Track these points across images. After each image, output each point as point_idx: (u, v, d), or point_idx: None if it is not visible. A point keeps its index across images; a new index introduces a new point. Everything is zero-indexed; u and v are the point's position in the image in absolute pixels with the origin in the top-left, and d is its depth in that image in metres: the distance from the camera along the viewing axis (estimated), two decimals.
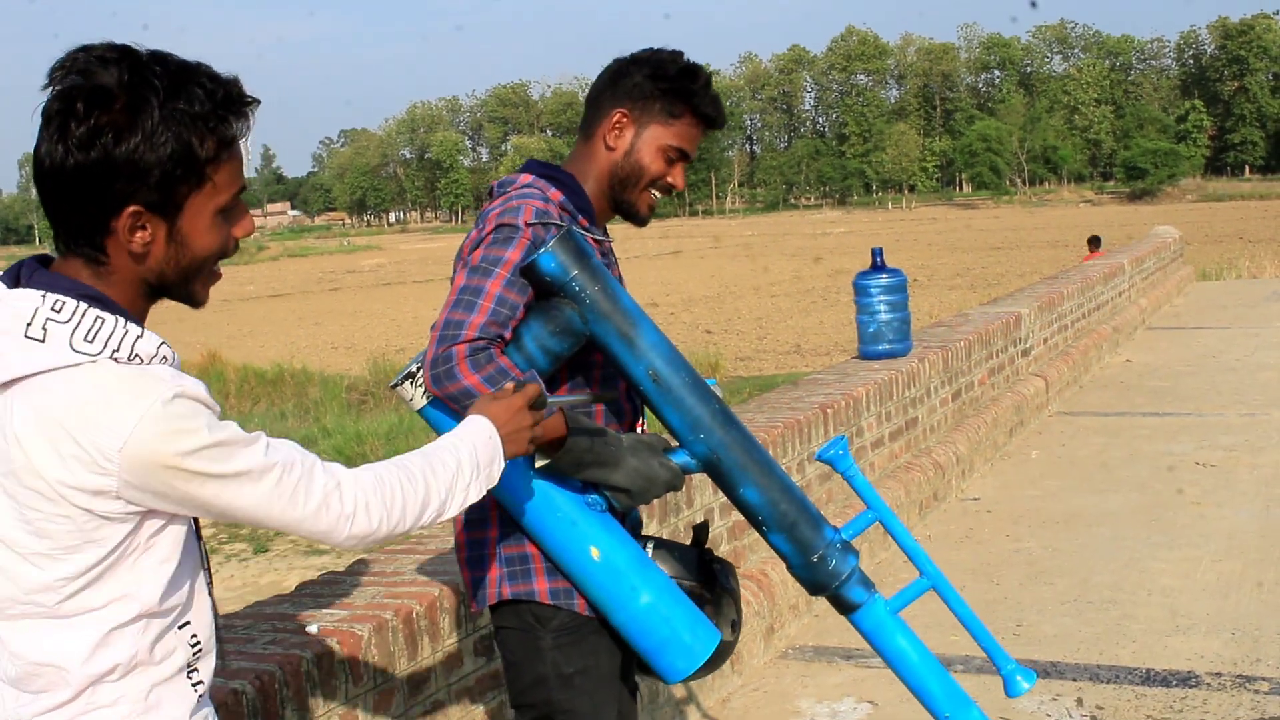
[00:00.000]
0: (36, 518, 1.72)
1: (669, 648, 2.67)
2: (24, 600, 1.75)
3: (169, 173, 1.75)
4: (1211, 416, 9.43)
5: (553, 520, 2.64)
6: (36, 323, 1.72)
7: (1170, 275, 16.36)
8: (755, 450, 2.73)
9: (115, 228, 1.75)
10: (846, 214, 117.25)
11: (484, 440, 2.19)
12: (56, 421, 1.69)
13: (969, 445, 7.92)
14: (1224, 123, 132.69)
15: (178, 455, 1.71)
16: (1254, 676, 4.88)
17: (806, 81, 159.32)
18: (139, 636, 1.79)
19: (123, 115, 1.72)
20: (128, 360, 1.74)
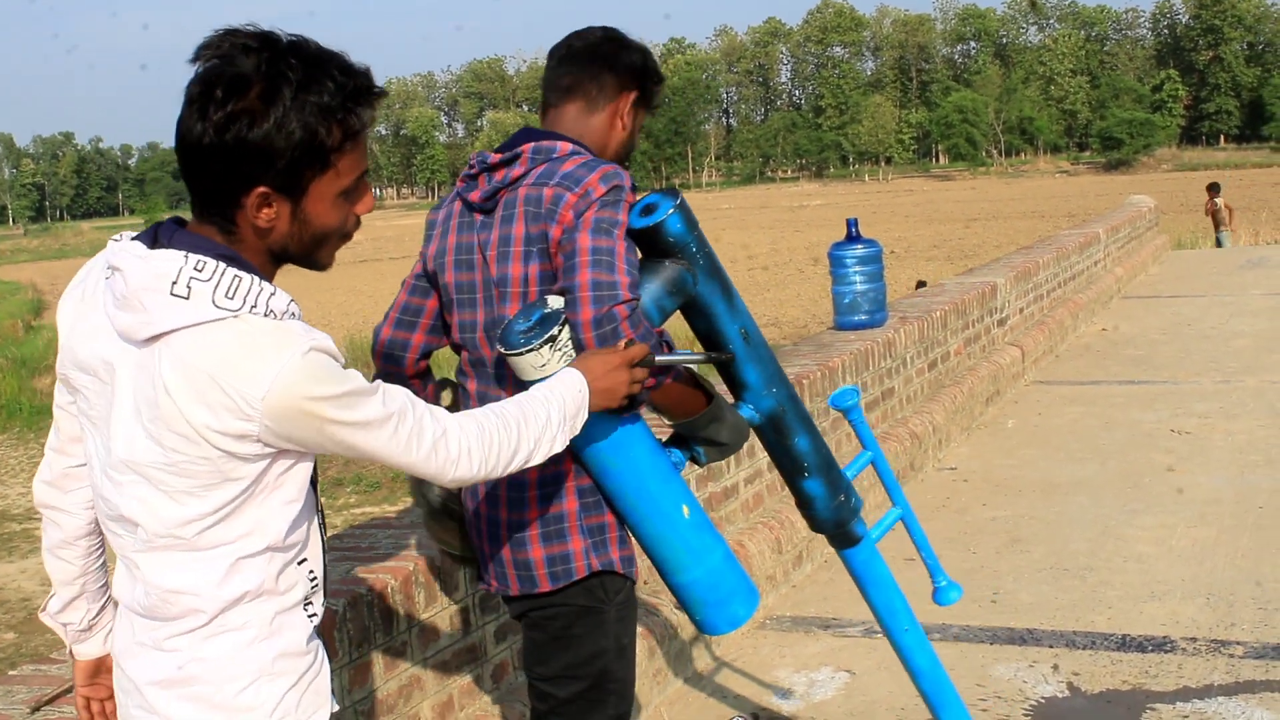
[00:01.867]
0: (180, 459, 1.88)
1: (734, 600, 2.85)
2: (164, 534, 1.93)
3: (296, 158, 1.90)
4: (1186, 384, 9.47)
5: (649, 482, 2.71)
6: (181, 281, 1.86)
7: (1145, 244, 16.39)
8: (802, 403, 2.98)
9: (244, 204, 1.91)
10: (823, 186, 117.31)
11: (574, 393, 2.35)
12: (203, 371, 1.85)
13: (945, 415, 7.93)
14: (1199, 92, 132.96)
15: (314, 401, 1.88)
16: (1228, 641, 4.90)
17: (783, 54, 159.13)
18: (265, 567, 1.97)
19: (257, 103, 1.86)
20: (264, 315, 1.89)
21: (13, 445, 22.69)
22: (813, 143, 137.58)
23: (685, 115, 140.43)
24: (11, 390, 26.18)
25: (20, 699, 2.79)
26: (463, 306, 2.83)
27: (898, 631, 3.47)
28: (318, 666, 2.07)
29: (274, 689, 1.99)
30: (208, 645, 1.96)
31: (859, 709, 4.57)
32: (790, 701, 4.67)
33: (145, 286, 1.87)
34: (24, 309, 42.71)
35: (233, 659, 1.96)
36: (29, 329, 36.44)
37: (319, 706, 2.06)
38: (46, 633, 12.37)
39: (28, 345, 31.87)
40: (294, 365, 1.86)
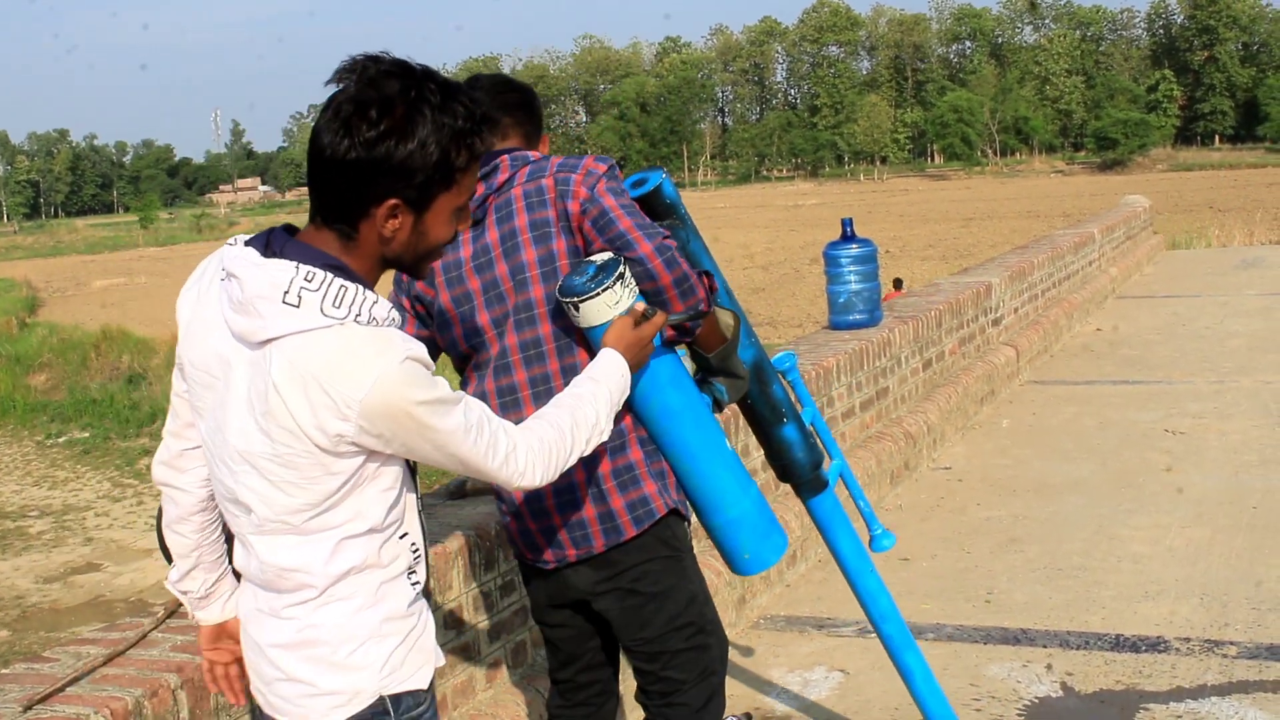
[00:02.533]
0: (287, 453, 2.06)
1: (773, 534, 3.11)
2: (274, 519, 2.13)
3: (429, 176, 2.09)
4: (1181, 384, 9.48)
5: (700, 416, 2.97)
6: (293, 290, 2.03)
7: (1140, 244, 16.40)
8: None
9: (374, 213, 2.09)
10: (818, 186, 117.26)
11: (618, 382, 2.59)
12: (310, 373, 2.02)
13: (940, 415, 7.93)
14: (1194, 92, 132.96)
15: (408, 404, 2.06)
16: (1222, 641, 4.91)
17: (778, 53, 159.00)
18: (367, 544, 2.16)
19: (404, 124, 2.05)
20: (368, 323, 2.06)
21: (6, 443, 22.64)
22: (808, 142, 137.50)
23: (681, 114, 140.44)
24: (5, 388, 26.15)
25: (13, 697, 2.79)
26: (464, 317, 2.95)
27: (862, 573, 3.72)
28: (421, 626, 2.28)
29: (382, 649, 2.20)
30: (320, 613, 2.17)
31: (853, 709, 4.57)
32: (784, 701, 4.67)
33: (260, 294, 2.04)
34: (18, 306, 42.62)
35: (343, 625, 2.17)
36: (23, 326, 36.37)
37: (424, 663, 2.27)
38: (40, 631, 12.37)
39: (22, 342, 31.82)
40: (391, 371, 2.04)
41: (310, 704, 2.20)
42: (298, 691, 2.20)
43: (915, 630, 5.23)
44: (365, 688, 2.19)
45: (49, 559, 15.22)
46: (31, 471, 20.15)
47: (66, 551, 15.52)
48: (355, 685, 2.19)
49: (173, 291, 2.23)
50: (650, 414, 2.93)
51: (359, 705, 2.19)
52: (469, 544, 3.92)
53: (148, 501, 17.47)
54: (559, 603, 3.09)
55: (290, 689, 2.21)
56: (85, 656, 2.99)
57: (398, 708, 2.22)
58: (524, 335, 2.90)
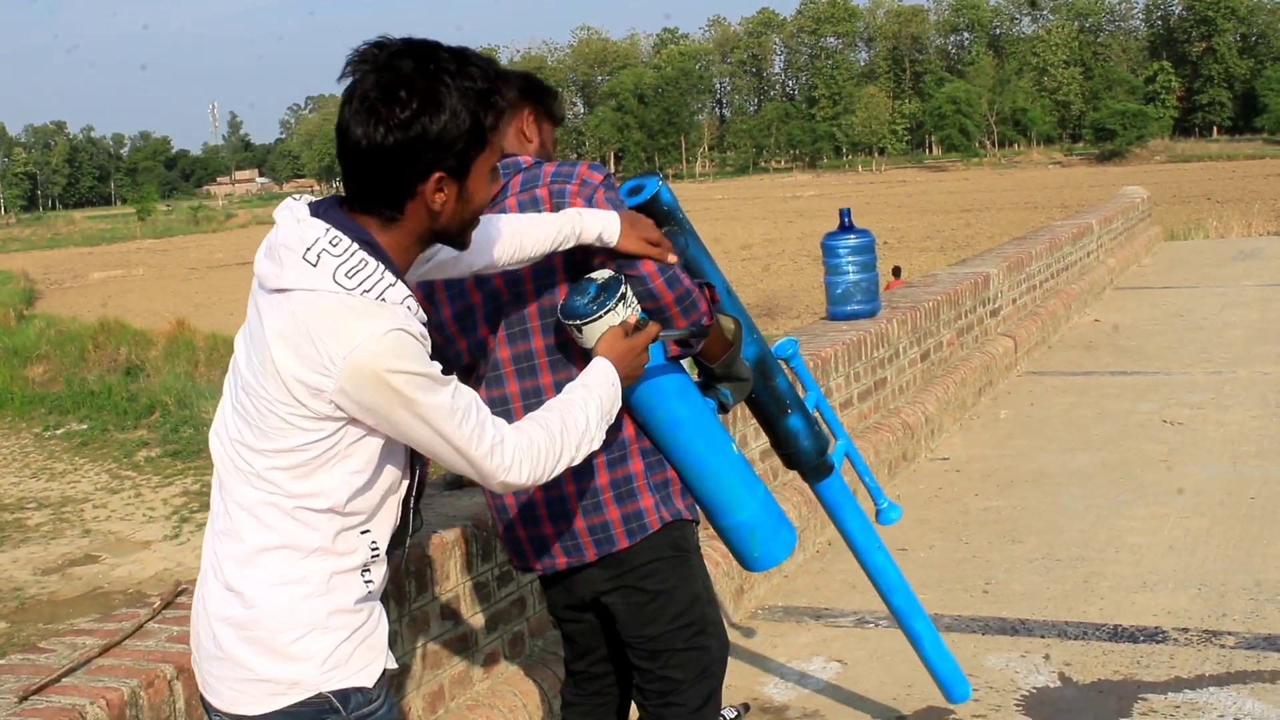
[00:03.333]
0: (264, 397, 2.10)
1: (782, 531, 3.12)
2: (242, 459, 2.16)
3: (467, 142, 2.13)
4: (1179, 375, 9.47)
5: (705, 422, 2.96)
6: (315, 249, 2.09)
7: (1138, 235, 16.40)
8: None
9: (420, 191, 2.14)
10: (816, 177, 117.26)
11: (609, 389, 2.53)
12: (304, 326, 2.06)
13: (938, 405, 7.93)
14: (1192, 84, 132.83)
15: (390, 372, 2.06)
16: (1220, 631, 4.91)
17: (776, 44, 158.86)
18: (323, 525, 2.15)
19: (430, 98, 2.08)
20: (376, 299, 2.09)
21: (4, 435, 22.64)
22: (806, 133, 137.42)
23: (678, 106, 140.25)
24: (3, 380, 26.14)
25: (8, 688, 2.78)
26: (466, 331, 2.96)
27: (870, 550, 3.75)
28: (372, 625, 2.25)
29: (327, 641, 2.17)
30: (266, 593, 2.15)
31: (851, 699, 4.56)
32: (782, 691, 4.67)
33: (286, 244, 2.11)
34: (16, 298, 42.59)
35: (289, 610, 2.15)
36: (21, 318, 36.35)
37: (372, 660, 2.24)
38: (38, 622, 12.37)
39: (19, 335, 31.81)
40: (379, 336, 2.05)
41: (245, 689, 2.17)
42: (234, 674, 2.17)
43: None
44: (305, 679, 2.16)
45: (47, 551, 15.22)
46: (29, 463, 20.14)
47: (64, 543, 15.51)
48: (295, 675, 2.15)
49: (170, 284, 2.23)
50: (656, 425, 2.93)
51: (297, 696, 2.16)
52: (466, 535, 3.92)
53: (145, 493, 17.47)
54: (572, 603, 3.12)
55: (224, 669, 2.18)
56: (81, 647, 2.99)
57: (346, 704, 2.18)
58: (516, 348, 2.90)
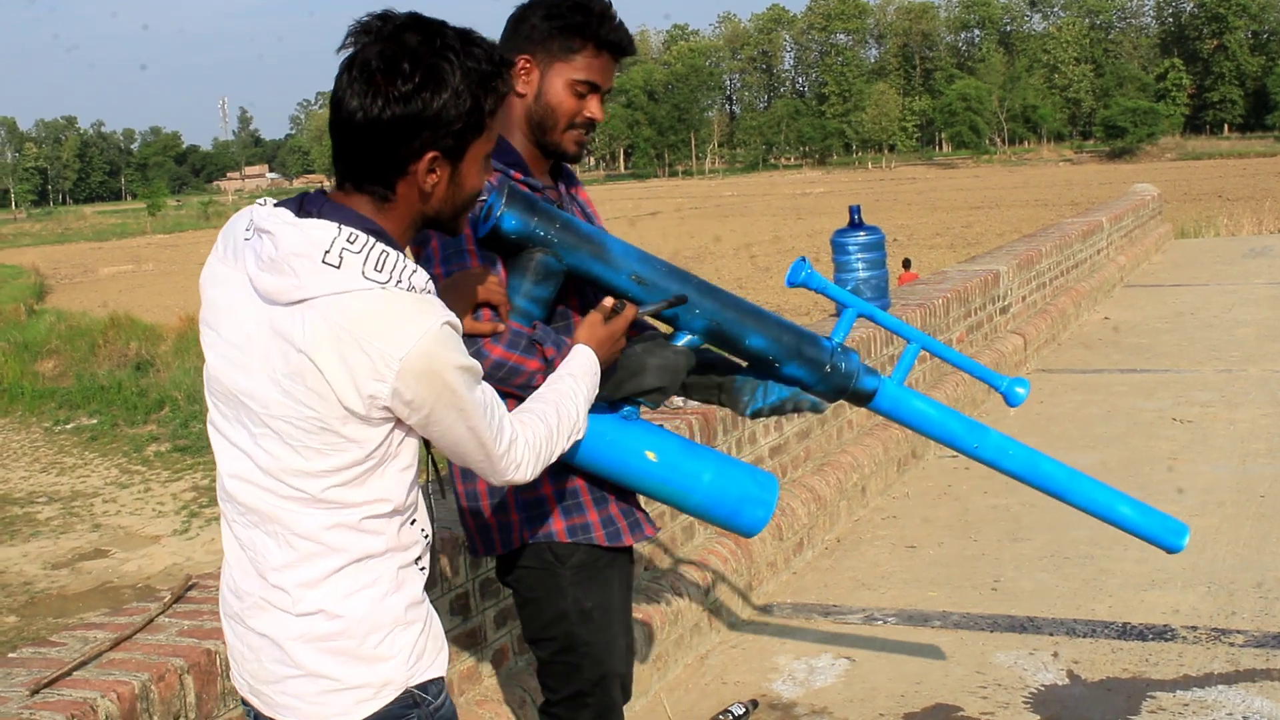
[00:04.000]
0: (310, 415, 2.01)
1: (745, 506, 2.89)
2: (291, 488, 2.06)
3: (465, 124, 2.08)
4: (1189, 373, 9.46)
5: (599, 445, 2.76)
6: (334, 251, 1.99)
7: (1149, 233, 16.37)
8: (741, 303, 2.90)
9: (413, 170, 2.08)
10: (826, 174, 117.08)
11: (592, 380, 2.52)
12: (348, 333, 1.97)
13: (947, 402, 7.90)
14: (1203, 81, 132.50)
15: (446, 368, 2.02)
16: (1229, 630, 4.90)
17: (786, 41, 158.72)
18: (388, 526, 2.12)
19: (434, 74, 2.03)
20: (407, 289, 2.02)
21: (14, 429, 22.69)
22: (816, 130, 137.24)
23: (688, 102, 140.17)
24: (14, 374, 26.20)
25: (19, 681, 2.79)
26: None
27: (970, 450, 3.36)
28: (432, 612, 2.26)
29: (408, 636, 2.16)
30: (345, 602, 2.10)
31: (859, 696, 4.57)
32: (790, 688, 4.67)
33: (297, 252, 2.00)
34: (26, 293, 42.67)
35: (370, 613, 2.11)
36: (31, 313, 36.42)
37: (441, 648, 2.24)
38: (48, 617, 12.40)
39: (30, 329, 31.87)
40: (434, 332, 2.00)
41: (331, 700, 2.10)
42: (317, 688, 2.09)
43: (922, 618, 5.24)
44: (394, 678, 2.12)
45: (57, 545, 15.26)
46: (40, 458, 20.20)
47: (74, 538, 15.55)
48: (384, 676, 2.11)
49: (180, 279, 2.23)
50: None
51: (387, 697, 2.11)
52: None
53: (155, 488, 17.50)
54: None
55: (306, 685, 2.10)
56: (92, 641, 3.00)
57: (428, 695, 2.17)
58: None
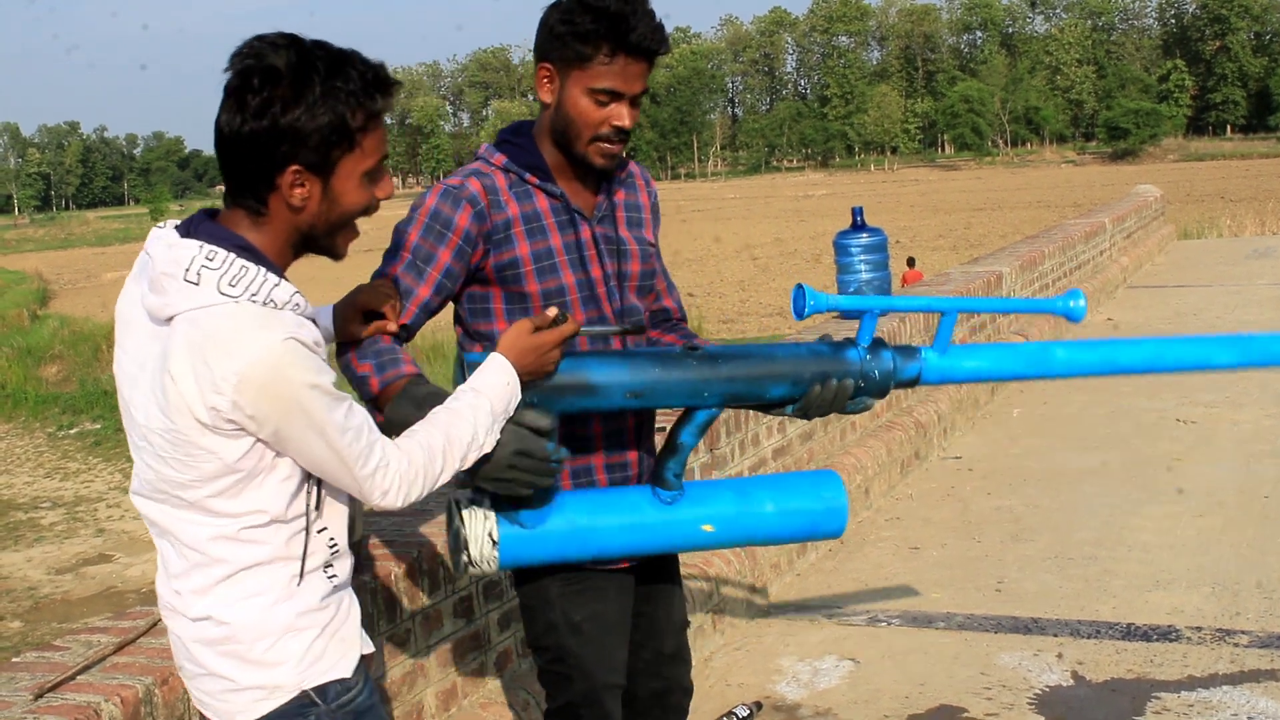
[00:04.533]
0: (172, 429, 2.07)
1: (818, 520, 2.82)
2: (167, 491, 2.13)
3: (325, 138, 2.09)
4: (1192, 374, 9.42)
5: (655, 540, 2.74)
6: (193, 268, 2.06)
7: (1151, 234, 16.36)
8: (752, 359, 2.69)
9: (279, 184, 2.10)
10: (829, 176, 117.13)
11: (500, 392, 2.41)
12: (196, 346, 2.02)
13: (951, 404, 7.92)
14: (1205, 82, 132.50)
15: (288, 383, 2.02)
16: (1233, 630, 4.90)
17: (788, 43, 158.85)
18: (272, 536, 2.15)
19: (289, 90, 2.06)
20: (264, 303, 2.05)
21: (18, 435, 22.69)
22: (818, 132, 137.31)
23: (690, 105, 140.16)
24: (17, 379, 26.22)
25: (23, 686, 2.79)
26: None
27: (1044, 376, 3.03)
28: (342, 617, 2.28)
29: (300, 642, 2.20)
30: (232, 610, 2.16)
31: (863, 697, 4.56)
32: (794, 690, 4.67)
33: (166, 272, 2.07)
34: (30, 298, 42.74)
35: (258, 621, 2.17)
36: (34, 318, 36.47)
37: (346, 651, 2.27)
38: (52, 621, 12.40)
39: (33, 334, 31.91)
40: (273, 347, 2.02)
41: (233, 699, 2.20)
42: (220, 686, 2.20)
43: (925, 619, 5.24)
44: (285, 682, 2.19)
45: (61, 550, 15.25)
46: (43, 463, 20.19)
47: (78, 543, 15.54)
48: (275, 680, 2.19)
49: None
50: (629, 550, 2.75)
51: (280, 699, 2.20)
52: None
53: None
54: None
55: (212, 684, 2.21)
56: (96, 645, 3.00)
57: (325, 697, 2.23)
58: None
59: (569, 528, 2.66)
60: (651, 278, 2.95)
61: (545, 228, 2.75)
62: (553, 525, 2.64)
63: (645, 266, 2.91)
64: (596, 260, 2.80)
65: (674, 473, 2.71)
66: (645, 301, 2.96)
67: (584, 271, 2.78)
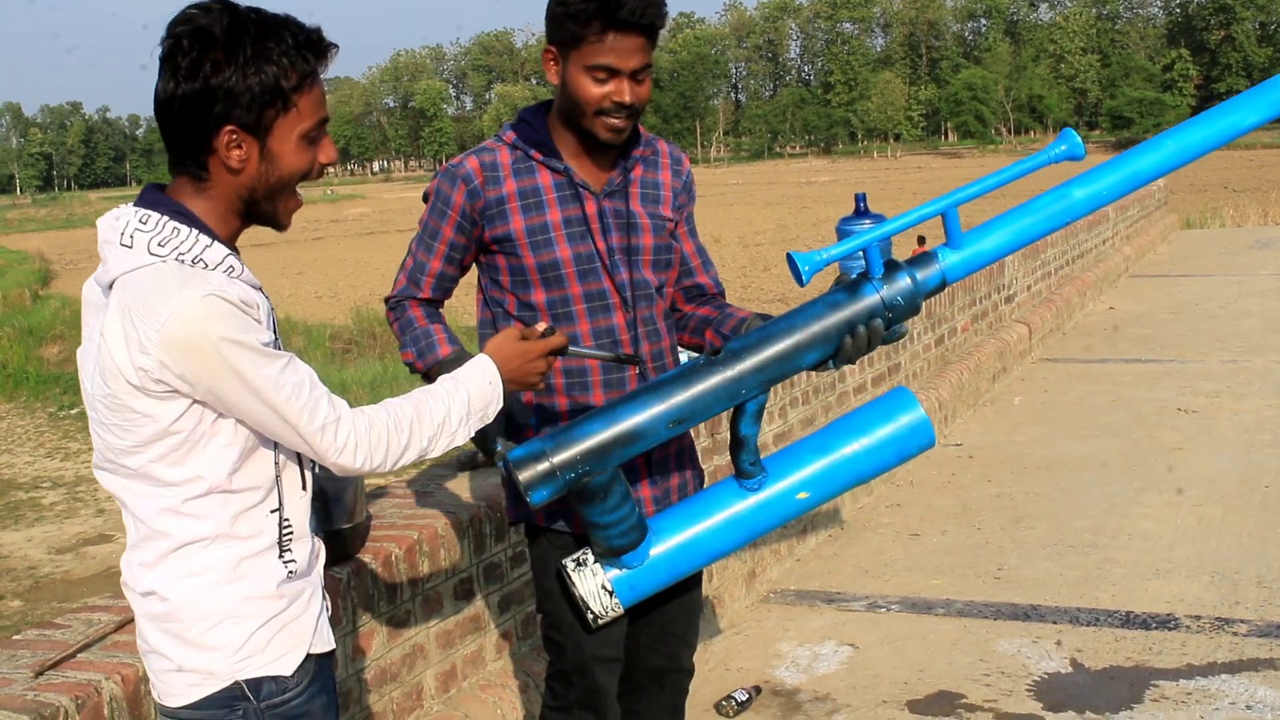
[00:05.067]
0: (109, 392, 2.06)
1: (909, 440, 2.79)
2: (115, 460, 2.12)
3: (258, 97, 2.08)
4: (1194, 363, 9.45)
5: (757, 526, 2.75)
6: (127, 232, 2.08)
7: (1154, 223, 16.34)
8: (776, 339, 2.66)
9: (215, 146, 2.09)
10: (831, 163, 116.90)
11: (480, 387, 2.38)
12: (126, 308, 2.02)
13: (951, 391, 7.92)
14: (1210, 72, 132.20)
15: (208, 340, 1.99)
16: (1232, 619, 4.90)
17: (792, 29, 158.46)
18: (215, 509, 2.11)
19: (220, 52, 2.06)
20: (190, 264, 2.05)
21: (19, 414, 22.71)
22: (821, 119, 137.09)
23: (694, 91, 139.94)
24: (19, 359, 26.21)
25: (24, 663, 2.80)
26: None
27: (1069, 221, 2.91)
28: (297, 610, 2.21)
29: (240, 630, 2.14)
30: (176, 586, 2.12)
31: (862, 682, 4.57)
32: (793, 675, 4.67)
33: (105, 240, 2.11)
34: (31, 278, 42.69)
35: (199, 601, 2.12)
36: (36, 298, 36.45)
37: (292, 648, 2.20)
38: (52, 601, 12.42)
39: (35, 314, 31.89)
40: (192, 303, 2.00)
41: (171, 680, 2.15)
42: (162, 666, 2.16)
43: (925, 605, 5.24)
44: (219, 670, 2.13)
45: (61, 530, 15.27)
46: (44, 443, 20.20)
47: (79, 522, 15.56)
48: (209, 665, 2.13)
49: None
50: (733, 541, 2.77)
51: (214, 687, 2.13)
52: (480, 515, 3.93)
53: None
54: None
55: (157, 662, 2.17)
56: (96, 624, 3.00)
57: (257, 693, 2.15)
58: None
59: (672, 550, 2.71)
60: (668, 252, 2.98)
61: (544, 203, 2.83)
62: (656, 555, 2.71)
63: (659, 240, 2.94)
64: (600, 233, 2.86)
65: (749, 461, 2.72)
66: (667, 275, 3.00)
67: (587, 244, 2.85)
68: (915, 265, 2.76)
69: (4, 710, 2.57)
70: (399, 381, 17.69)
